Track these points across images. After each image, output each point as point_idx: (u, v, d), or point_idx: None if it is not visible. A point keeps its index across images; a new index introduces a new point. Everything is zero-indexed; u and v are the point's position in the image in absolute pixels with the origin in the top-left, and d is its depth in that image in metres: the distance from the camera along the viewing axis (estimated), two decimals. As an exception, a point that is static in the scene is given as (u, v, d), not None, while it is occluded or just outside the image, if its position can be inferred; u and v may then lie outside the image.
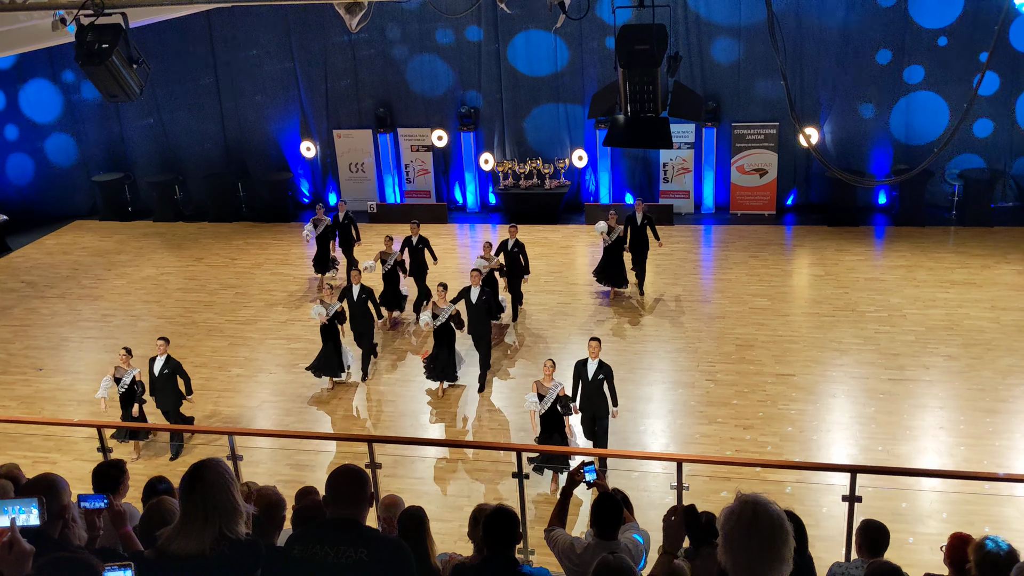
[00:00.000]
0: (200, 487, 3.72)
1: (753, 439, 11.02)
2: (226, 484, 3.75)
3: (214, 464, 3.82)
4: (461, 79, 19.80)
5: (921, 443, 10.85)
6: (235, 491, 3.79)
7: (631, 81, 6.84)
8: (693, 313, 14.68)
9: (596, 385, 10.32)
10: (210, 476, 3.75)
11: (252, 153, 21.16)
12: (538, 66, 19.39)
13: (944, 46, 17.63)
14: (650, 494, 9.66)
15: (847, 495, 7.12)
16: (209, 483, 3.73)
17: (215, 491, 3.71)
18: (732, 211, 19.32)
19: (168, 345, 11.43)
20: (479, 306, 12.61)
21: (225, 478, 3.77)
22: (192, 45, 20.39)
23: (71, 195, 21.91)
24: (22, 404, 12.96)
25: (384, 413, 12.32)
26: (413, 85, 20.01)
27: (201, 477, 3.74)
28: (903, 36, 17.76)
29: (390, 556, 3.94)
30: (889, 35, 17.83)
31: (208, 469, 3.78)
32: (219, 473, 3.78)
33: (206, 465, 3.81)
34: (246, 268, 17.86)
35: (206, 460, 3.88)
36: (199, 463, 3.86)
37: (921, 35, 17.74)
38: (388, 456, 10.52)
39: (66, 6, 8.39)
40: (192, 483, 3.75)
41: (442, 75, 19.84)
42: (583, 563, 5.17)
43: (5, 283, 17.85)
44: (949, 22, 17.53)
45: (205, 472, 3.76)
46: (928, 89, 18.01)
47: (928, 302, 14.52)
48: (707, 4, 18.33)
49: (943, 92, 17.91)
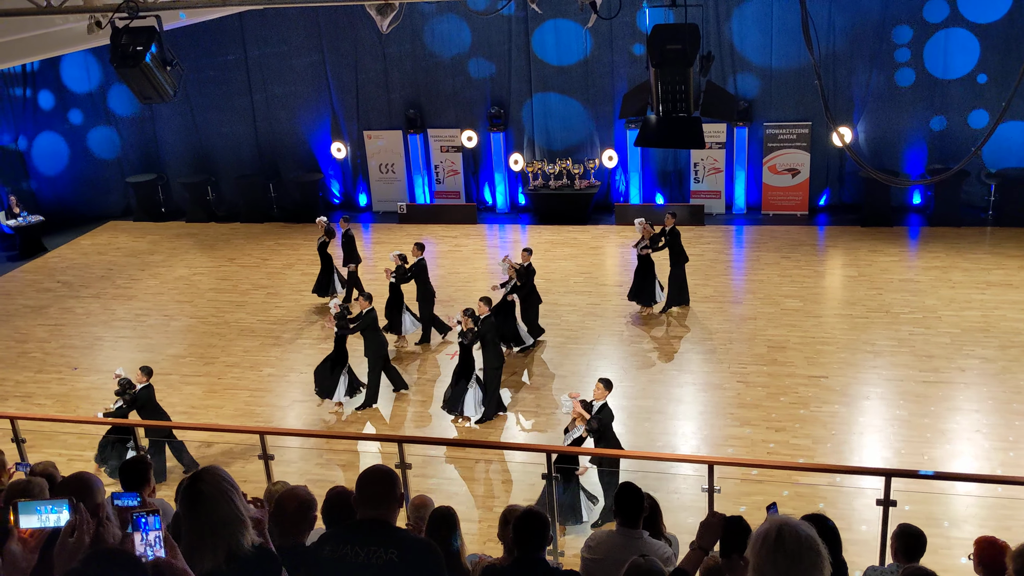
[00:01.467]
0: (200, 501, 3.58)
1: (785, 441, 10.92)
2: (226, 493, 3.60)
3: (211, 475, 3.67)
4: (491, 79, 19.80)
5: (957, 446, 10.69)
6: (237, 499, 3.64)
7: (663, 81, 6.80)
8: (724, 314, 14.58)
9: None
10: (208, 488, 3.60)
11: (283, 154, 21.30)
12: (567, 57, 19.32)
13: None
14: (680, 496, 9.61)
15: (881, 499, 7.04)
16: (208, 496, 3.58)
17: (216, 503, 3.57)
18: (764, 211, 19.17)
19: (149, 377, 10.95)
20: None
21: (224, 486, 3.62)
22: (224, 47, 20.57)
23: (106, 196, 22.19)
24: (57, 403, 13.13)
25: (414, 413, 12.34)
26: (443, 86, 20.05)
27: (199, 491, 3.60)
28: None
29: (420, 556, 3.93)
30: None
31: (205, 481, 3.62)
32: (217, 483, 3.62)
33: (202, 477, 3.65)
34: (277, 268, 17.98)
35: (202, 471, 3.72)
36: (194, 475, 3.70)
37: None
38: (418, 456, 10.56)
39: (101, 9, 8.49)
40: (191, 498, 3.61)
41: (472, 75, 19.85)
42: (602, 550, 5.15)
43: (41, 283, 18.10)
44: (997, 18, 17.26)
45: (202, 485, 3.61)
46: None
47: (964, 303, 14.32)
48: (739, 3, 18.20)
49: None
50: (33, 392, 13.46)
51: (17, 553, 3.59)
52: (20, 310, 16.71)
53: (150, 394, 10.77)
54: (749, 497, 9.35)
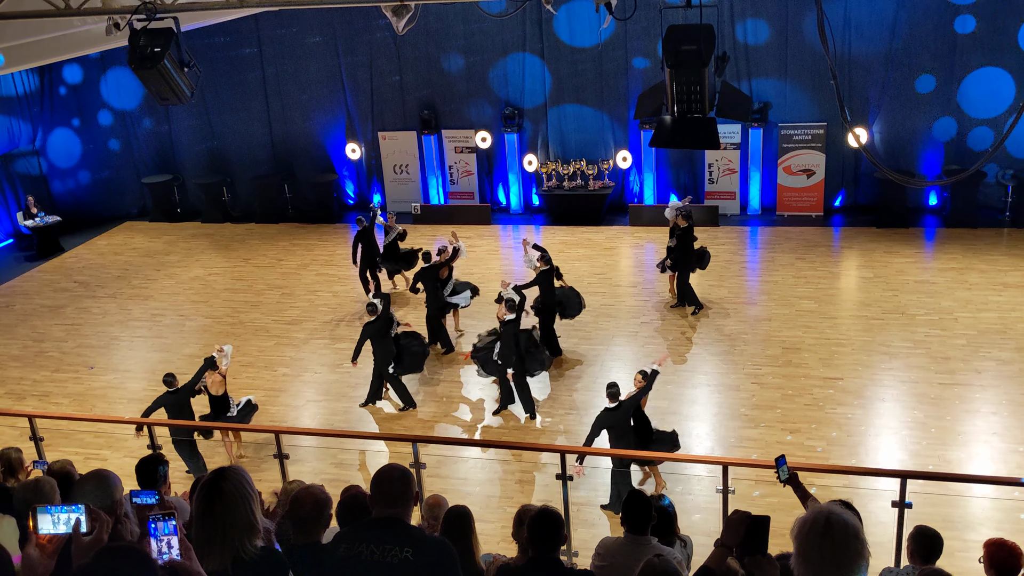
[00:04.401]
0: (220, 500, 3.58)
1: (800, 443, 10.88)
2: (246, 497, 3.60)
3: (235, 475, 3.66)
4: (506, 80, 19.82)
5: (973, 449, 10.64)
6: (255, 505, 3.64)
7: (678, 81, 6.80)
8: (738, 315, 14.54)
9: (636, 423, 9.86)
10: (230, 488, 3.59)
11: (298, 155, 21.38)
12: (581, 61, 19.34)
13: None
14: (695, 497, 9.60)
15: (896, 500, 7.02)
16: (229, 495, 3.58)
17: (235, 506, 3.57)
18: (779, 212, 19.10)
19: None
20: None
21: (246, 490, 3.61)
22: (240, 48, 20.67)
23: (121, 197, 22.32)
24: (74, 401, 13.23)
25: (428, 413, 12.36)
26: (457, 87, 20.08)
27: (220, 488, 3.59)
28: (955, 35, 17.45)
29: (435, 555, 3.94)
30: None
31: (228, 480, 3.61)
32: (240, 484, 3.61)
33: (226, 476, 3.63)
34: (292, 269, 18.04)
35: (226, 470, 3.70)
36: (218, 473, 3.67)
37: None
38: (432, 456, 10.59)
39: (119, 11, 8.55)
40: (211, 497, 3.60)
41: (487, 76, 19.87)
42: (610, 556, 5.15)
43: (58, 283, 18.23)
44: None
45: (225, 483, 3.60)
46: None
47: (980, 305, 14.24)
48: (754, 4, 18.16)
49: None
50: (50, 391, 13.56)
51: (34, 558, 3.62)
52: (37, 309, 16.84)
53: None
54: (764, 499, 9.33)
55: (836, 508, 3.13)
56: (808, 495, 5.72)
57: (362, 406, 12.41)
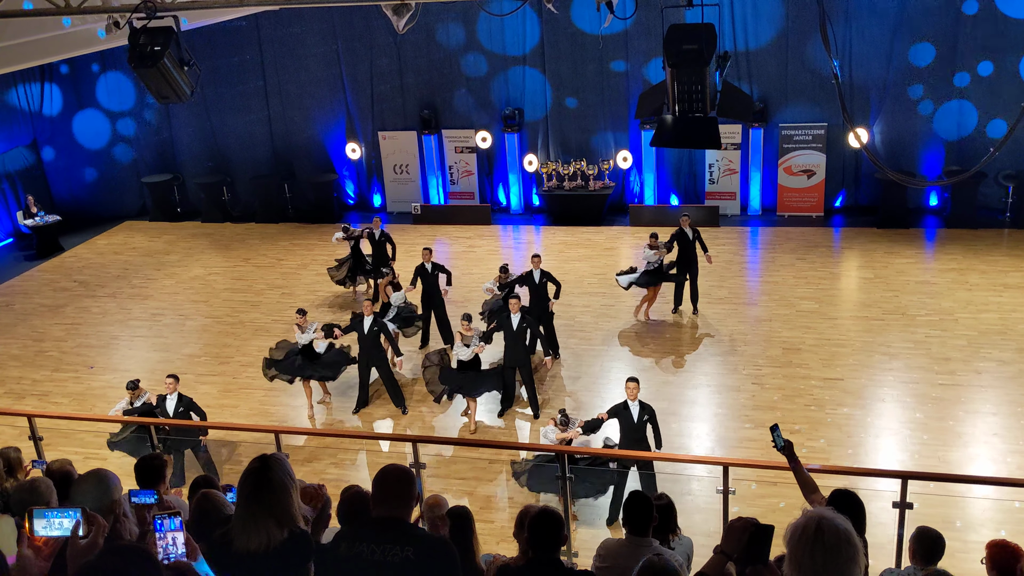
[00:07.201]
0: (268, 489, 3.74)
1: (800, 444, 10.86)
2: (289, 489, 3.77)
3: (279, 464, 3.82)
4: (506, 80, 19.81)
5: (973, 449, 10.63)
6: (296, 494, 3.82)
7: (679, 81, 6.78)
8: (739, 316, 14.53)
9: (641, 427, 9.66)
10: (276, 478, 3.76)
11: (298, 155, 21.36)
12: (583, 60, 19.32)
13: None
14: (695, 498, 9.58)
15: (897, 501, 7.00)
16: (276, 485, 3.74)
17: (281, 495, 3.74)
18: (779, 213, 19.10)
19: (178, 383, 10.58)
20: (519, 333, 11.84)
21: (288, 481, 3.78)
22: (240, 47, 20.65)
23: (122, 196, 22.31)
24: (73, 401, 13.21)
25: (428, 413, 12.34)
26: (458, 87, 20.07)
27: (268, 479, 3.75)
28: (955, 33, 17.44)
29: (436, 555, 3.93)
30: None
31: (274, 470, 3.78)
32: (284, 474, 3.79)
33: (271, 465, 3.80)
34: (292, 269, 18.03)
35: (270, 459, 3.86)
36: (265, 460, 3.84)
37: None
38: (432, 456, 10.58)
39: (119, 10, 8.53)
40: (258, 483, 3.76)
41: (487, 76, 19.85)
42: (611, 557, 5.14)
43: (58, 282, 18.21)
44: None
45: (272, 473, 3.76)
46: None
47: (981, 306, 14.23)
48: (755, 3, 18.14)
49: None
50: (50, 390, 13.55)
51: (29, 559, 3.61)
52: (37, 309, 16.82)
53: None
54: (764, 499, 9.31)
55: (828, 513, 3.09)
56: (808, 482, 5.77)
57: (355, 413, 12.38)
